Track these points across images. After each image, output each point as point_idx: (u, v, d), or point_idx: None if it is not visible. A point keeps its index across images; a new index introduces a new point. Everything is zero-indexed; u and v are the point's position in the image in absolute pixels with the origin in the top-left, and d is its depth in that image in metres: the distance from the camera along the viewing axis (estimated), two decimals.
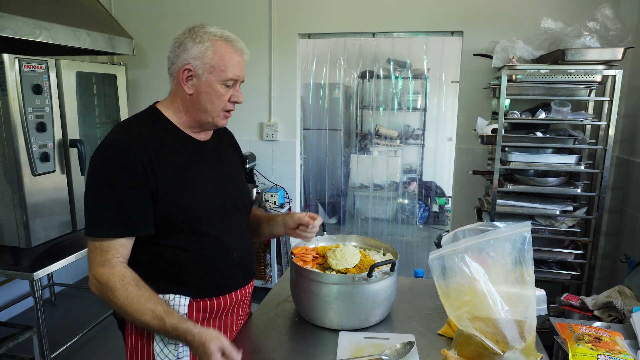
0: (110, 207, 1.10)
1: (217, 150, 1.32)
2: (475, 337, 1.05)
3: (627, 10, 2.62)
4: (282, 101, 3.33)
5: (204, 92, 1.17)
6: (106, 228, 1.10)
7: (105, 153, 1.13)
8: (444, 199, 5.24)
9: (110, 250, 1.11)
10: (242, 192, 1.37)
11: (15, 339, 2.22)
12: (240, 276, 1.31)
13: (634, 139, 2.60)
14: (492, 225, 1.23)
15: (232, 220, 1.29)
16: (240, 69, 1.20)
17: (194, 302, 1.21)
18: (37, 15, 2.20)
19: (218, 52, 1.15)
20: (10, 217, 2.16)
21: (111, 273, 1.10)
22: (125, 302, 1.08)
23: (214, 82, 1.16)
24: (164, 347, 1.17)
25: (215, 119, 1.21)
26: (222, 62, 1.16)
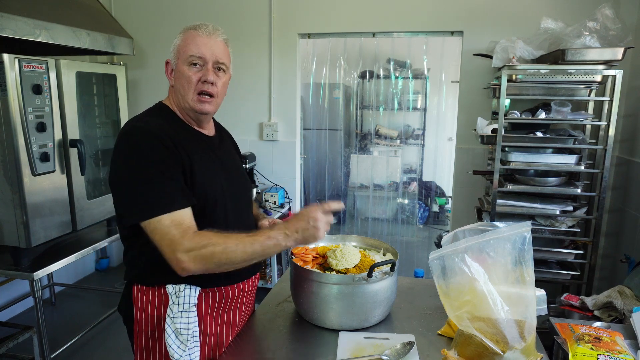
0: (165, 183, 1.11)
1: (222, 146, 1.37)
2: (476, 337, 1.05)
3: (627, 10, 2.62)
4: (282, 101, 3.33)
5: (177, 77, 1.23)
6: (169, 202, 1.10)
7: (134, 138, 1.14)
8: (444, 199, 5.24)
9: (184, 222, 1.10)
10: (247, 185, 1.43)
11: (15, 339, 2.22)
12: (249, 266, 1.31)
13: (634, 139, 2.60)
14: (492, 225, 1.23)
15: (240, 211, 1.33)
16: (206, 47, 1.20)
17: (203, 293, 1.23)
18: (37, 15, 2.20)
19: (184, 39, 1.21)
20: (10, 217, 2.16)
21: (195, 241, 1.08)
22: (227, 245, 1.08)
23: (180, 65, 1.21)
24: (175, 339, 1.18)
25: (191, 104, 1.22)
26: (185, 44, 1.20)
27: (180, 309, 1.18)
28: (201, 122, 1.29)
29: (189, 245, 1.07)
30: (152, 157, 1.12)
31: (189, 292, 1.20)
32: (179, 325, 1.17)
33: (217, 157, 1.30)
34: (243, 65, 3.29)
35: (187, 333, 1.17)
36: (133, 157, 1.13)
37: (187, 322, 1.18)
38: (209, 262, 1.08)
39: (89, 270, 3.80)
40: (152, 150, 1.12)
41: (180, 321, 1.17)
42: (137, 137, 1.14)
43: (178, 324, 1.17)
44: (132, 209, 1.12)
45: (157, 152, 1.12)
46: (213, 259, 1.08)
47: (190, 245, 1.07)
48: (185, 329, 1.17)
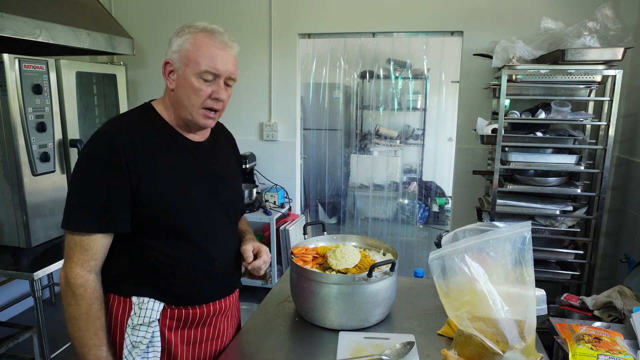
0: (91, 201, 1.07)
1: (213, 152, 1.27)
2: (475, 337, 1.05)
3: (627, 10, 2.62)
4: (282, 101, 3.33)
5: (180, 86, 1.13)
6: (85, 222, 1.07)
7: (91, 147, 1.10)
8: (444, 199, 5.24)
9: (90, 250, 1.08)
10: (234, 198, 1.32)
11: (15, 339, 2.22)
12: (220, 287, 1.26)
13: (634, 139, 2.60)
14: (492, 225, 1.23)
15: (218, 227, 1.23)
16: (222, 63, 1.12)
17: (169, 309, 1.17)
18: (37, 15, 2.20)
19: (195, 44, 1.10)
20: (10, 217, 2.16)
21: (86, 279, 1.08)
22: (82, 315, 1.08)
23: (189, 75, 1.11)
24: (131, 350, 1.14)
25: (194, 117, 1.14)
26: (198, 54, 1.10)
27: (140, 322, 1.14)
28: (195, 130, 1.22)
29: (72, 279, 1.07)
30: (95, 173, 1.07)
31: (152, 306, 1.15)
32: (136, 338, 1.13)
33: (203, 166, 1.21)
34: (243, 65, 3.26)
35: (142, 347, 1.13)
36: (81, 165, 1.10)
37: (144, 336, 1.13)
38: (63, 303, 1.10)
39: None
40: (99, 166, 1.07)
41: (138, 334, 1.13)
42: (95, 144, 1.09)
43: (135, 337, 1.13)
44: (64, 212, 1.10)
45: (104, 166, 1.06)
46: (63, 305, 1.09)
47: (72, 280, 1.07)
48: (140, 342, 1.13)
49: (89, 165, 1.08)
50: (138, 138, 1.10)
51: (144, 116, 1.18)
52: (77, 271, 1.07)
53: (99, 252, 1.10)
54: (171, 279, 1.16)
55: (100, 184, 1.07)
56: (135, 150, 1.08)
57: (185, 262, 1.17)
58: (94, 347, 1.09)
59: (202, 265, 1.19)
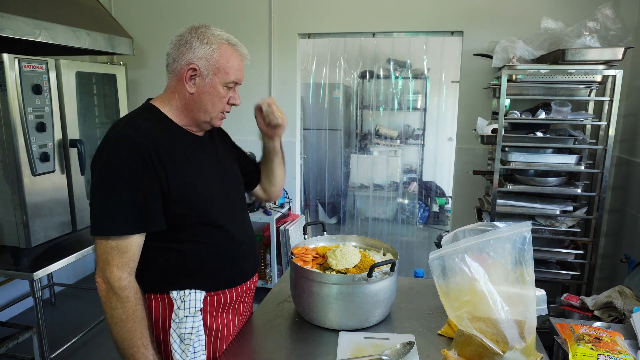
0: (124, 204, 1.09)
1: (213, 144, 1.34)
2: (476, 337, 1.05)
3: (627, 10, 2.62)
4: (282, 101, 3.33)
5: (206, 92, 1.19)
6: (121, 225, 1.09)
7: (113, 149, 1.10)
8: (444, 199, 5.24)
9: (128, 252, 1.10)
10: (239, 181, 1.41)
11: (15, 339, 2.22)
12: (250, 266, 1.35)
13: (634, 139, 2.60)
14: (492, 225, 1.23)
15: (237, 211, 1.33)
16: (241, 72, 1.24)
17: (208, 297, 1.23)
18: (37, 15, 2.20)
19: (224, 55, 1.18)
20: (10, 217, 2.16)
21: (129, 282, 1.10)
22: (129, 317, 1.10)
23: (217, 83, 1.19)
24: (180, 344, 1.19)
25: (213, 120, 1.24)
26: (227, 65, 1.19)
27: (185, 314, 1.18)
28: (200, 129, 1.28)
29: (115, 283, 1.09)
30: (124, 174, 1.09)
31: (195, 297, 1.20)
32: (183, 330, 1.18)
33: (211, 158, 1.30)
34: None
35: (192, 337, 1.18)
36: (107, 167, 1.10)
37: (191, 327, 1.18)
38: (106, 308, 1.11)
39: (89, 270, 3.80)
40: (127, 167, 1.09)
41: (185, 326, 1.18)
42: (116, 146, 1.10)
43: (183, 329, 1.18)
44: (92, 219, 1.11)
45: (131, 169, 1.09)
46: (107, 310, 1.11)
47: (115, 283, 1.09)
48: (190, 333, 1.18)
49: (117, 169, 1.09)
50: (157, 138, 1.14)
51: (150, 117, 1.20)
52: (119, 274, 1.09)
53: (136, 254, 1.13)
54: (208, 265, 1.22)
55: (132, 186, 1.09)
56: (158, 151, 1.12)
57: (218, 247, 1.24)
58: (142, 347, 1.12)
59: (233, 248, 1.28)
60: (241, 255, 1.30)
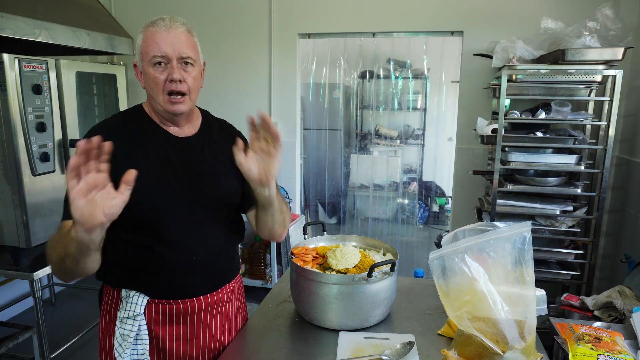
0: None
1: (201, 146, 1.25)
2: (475, 337, 1.05)
3: (627, 10, 2.62)
4: (282, 101, 3.33)
5: (146, 80, 1.17)
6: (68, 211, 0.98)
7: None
8: (444, 199, 5.24)
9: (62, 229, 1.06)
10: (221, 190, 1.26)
11: (15, 339, 2.22)
12: (204, 282, 1.24)
13: (634, 139, 2.60)
14: (492, 225, 1.23)
15: (198, 221, 1.21)
16: (166, 44, 1.13)
17: (153, 303, 1.19)
18: (37, 15, 2.20)
19: (144, 38, 1.16)
20: (10, 217, 2.16)
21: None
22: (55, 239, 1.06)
23: (146, 67, 1.15)
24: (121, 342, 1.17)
25: (163, 105, 1.16)
26: (145, 44, 1.15)
27: (126, 315, 1.17)
28: (178, 122, 1.22)
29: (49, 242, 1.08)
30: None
31: (136, 300, 1.17)
32: (123, 331, 1.17)
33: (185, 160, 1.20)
34: (243, 65, 3.29)
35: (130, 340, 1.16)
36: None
37: (130, 329, 1.16)
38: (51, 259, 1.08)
39: None
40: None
41: (125, 327, 1.17)
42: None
43: (123, 329, 1.17)
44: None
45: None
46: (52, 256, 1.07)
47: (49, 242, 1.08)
48: (128, 335, 1.16)
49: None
50: (117, 135, 1.09)
51: (130, 115, 1.23)
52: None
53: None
54: (152, 272, 1.17)
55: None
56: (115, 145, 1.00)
57: (163, 255, 1.16)
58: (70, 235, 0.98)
59: (181, 259, 1.18)
60: (190, 268, 1.20)
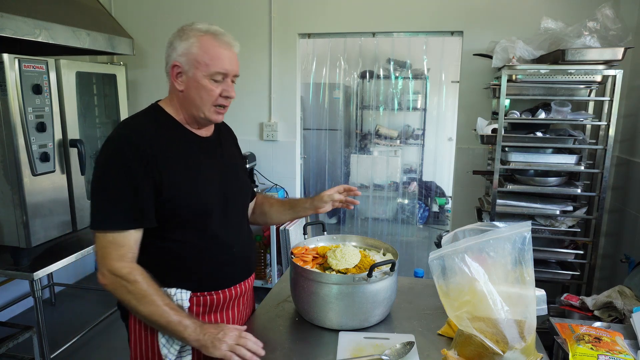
0: (120, 200, 1.13)
1: (219, 146, 1.34)
2: (475, 337, 1.05)
3: (627, 10, 2.62)
4: (282, 101, 3.33)
5: (193, 87, 1.19)
6: (118, 220, 1.12)
7: (111, 148, 1.16)
8: (444, 199, 5.24)
9: (125, 245, 1.13)
10: (242, 187, 1.40)
11: (15, 339, 2.22)
12: (240, 271, 1.34)
13: (634, 139, 2.60)
14: (492, 225, 1.23)
15: (232, 215, 1.32)
16: (229, 62, 1.20)
17: (194, 297, 1.24)
18: (37, 15, 2.20)
19: (203, 47, 1.17)
20: (10, 217, 2.16)
21: (131, 267, 1.13)
22: (145, 293, 1.11)
23: (200, 77, 1.18)
24: (169, 339, 1.19)
25: (206, 114, 1.22)
26: (207, 57, 1.17)
27: None
28: (203, 126, 1.29)
29: (119, 272, 1.12)
30: (120, 172, 1.12)
31: (180, 296, 1.21)
32: None
33: (213, 159, 1.29)
34: (243, 65, 3.26)
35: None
36: (106, 165, 1.15)
37: None
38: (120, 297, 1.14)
39: (89, 270, 3.80)
40: (122, 164, 1.12)
41: None
42: (116, 145, 1.15)
43: None
44: (91, 215, 1.16)
45: (126, 167, 1.12)
46: (122, 298, 1.13)
47: (119, 272, 1.12)
48: None
49: (113, 168, 1.14)
50: (154, 139, 1.17)
51: (155, 117, 1.24)
52: (119, 265, 1.12)
53: (133, 247, 1.15)
54: (196, 267, 1.23)
55: (127, 183, 1.12)
56: (153, 151, 1.15)
57: (207, 250, 1.24)
58: (171, 311, 1.11)
59: (222, 252, 1.28)
60: (230, 260, 1.30)
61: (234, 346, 1.07)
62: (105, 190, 1.14)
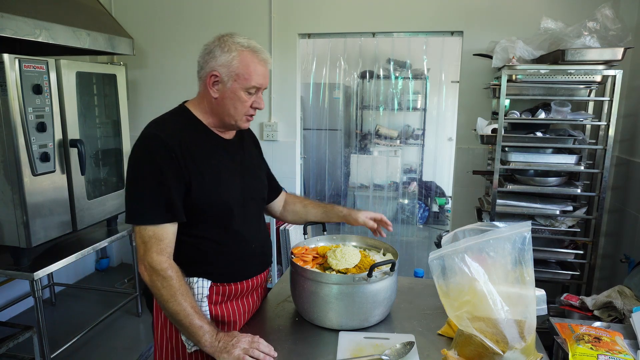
0: (157, 195, 1.20)
1: (240, 148, 1.42)
2: (475, 337, 1.05)
3: (627, 10, 2.62)
4: (282, 101, 3.33)
5: (228, 97, 1.27)
6: (155, 214, 1.20)
7: (144, 146, 1.23)
8: (444, 199, 5.23)
9: (165, 239, 1.21)
10: (261, 186, 1.48)
11: (15, 339, 2.22)
12: (257, 265, 1.42)
13: (634, 139, 2.60)
14: (492, 225, 1.23)
15: (251, 213, 1.40)
16: (263, 78, 1.28)
17: (214, 286, 1.32)
18: (37, 15, 2.20)
19: (243, 62, 1.25)
20: (10, 217, 2.16)
21: (169, 263, 1.21)
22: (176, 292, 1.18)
23: (238, 89, 1.26)
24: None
25: (238, 122, 1.31)
26: (247, 72, 1.25)
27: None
28: (229, 130, 1.37)
29: (157, 266, 1.19)
30: (154, 168, 1.20)
31: (201, 284, 1.29)
32: None
33: (235, 161, 1.37)
34: None
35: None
36: (139, 163, 1.23)
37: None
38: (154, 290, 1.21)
39: (89, 270, 3.80)
40: (156, 161, 1.20)
41: None
42: (147, 143, 1.23)
43: None
44: (127, 210, 1.24)
45: (160, 164, 1.20)
46: (155, 292, 1.21)
47: (157, 266, 1.19)
48: None
49: (146, 164, 1.22)
50: (183, 139, 1.25)
51: (182, 118, 1.32)
52: (159, 259, 1.20)
53: (172, 241, 1.23)
54: (216, 260, 1.31)
55: (159, 179, 1.20)
56: (183, 150, 1.23)
57: (227, 246, 1.33)
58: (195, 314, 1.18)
59: (242, 247, 1.36)
60: (248, 255, 1.38)
61: (247, 349, 1.14)
62: (140, 186, 1.22)
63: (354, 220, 1.53)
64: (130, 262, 3.86)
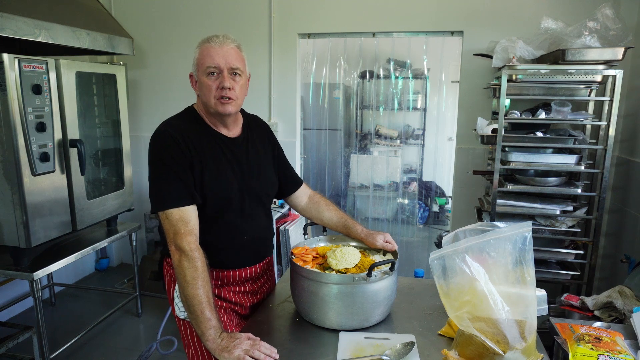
0: (174, 180, 1.31)
1: (244, 146, 1.47)
2: (476, 337, 1.05)
3: (627, 10, 2.62)
4: (282, 101, 3.33)
5: (199, 88, 1.38)
6: (178, 197, 1.30)
7: (158, 142, 1.35)
8: (444, 199, 5.23)
9: (190, 221, 1.29)
10: (265, 183, 1.51)
11: (15, 339, 2.22)
12: (249, 256, 1.49)
13: (634, 139, 2.60)
14: (492, 225, 1.23)
15: (248, 208, 1.45)
16: (219, 57, 1.32)
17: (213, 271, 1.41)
18: (37, 15, 2.20)
19: (200, 52, 1.36)
20: (10, 217, 2.16)
21: (196, 245, 1.28)
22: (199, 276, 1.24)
23: (200, 76, 1.36)
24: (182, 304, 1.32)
25: (215, 107, 1.36)
26: (202, 57, 1.35)
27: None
28: (227, 124, 1.43)
29: (186, 246, 1.26)
30: (167, 159, 1.32)
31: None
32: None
33: (236, 158, 1.42)
34: None
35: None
36: (154, 157, 1.35)
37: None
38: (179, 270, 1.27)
39: (89, 270, 3.80)
40: (168, 153, 1.32)
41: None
42: (160, 138, 1.35)
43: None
44: (152, 201, 1.33)
45: (172, 154, 1.31)
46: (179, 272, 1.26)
47: (186, 246, 1.26)
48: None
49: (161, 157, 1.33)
50: (187, 133, 1.36)
51: (188, 118, 1.43)
52: (188, 239, 1.27)
53: (196, 223, 1.32)
54: (209, 248, 1.35)
55: (175, 169, 1.31)
56: (188, 146, 1.34)
57: (220, 236, 1.41)
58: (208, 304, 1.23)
59: (234, 239, 1.43)
60: (240, 246, 1.44)
61: (247, 350, 1.15)
62: (160, 177, 1.32)
63: (372, 244, 1.52)
64: (130, 262, 3.86)
